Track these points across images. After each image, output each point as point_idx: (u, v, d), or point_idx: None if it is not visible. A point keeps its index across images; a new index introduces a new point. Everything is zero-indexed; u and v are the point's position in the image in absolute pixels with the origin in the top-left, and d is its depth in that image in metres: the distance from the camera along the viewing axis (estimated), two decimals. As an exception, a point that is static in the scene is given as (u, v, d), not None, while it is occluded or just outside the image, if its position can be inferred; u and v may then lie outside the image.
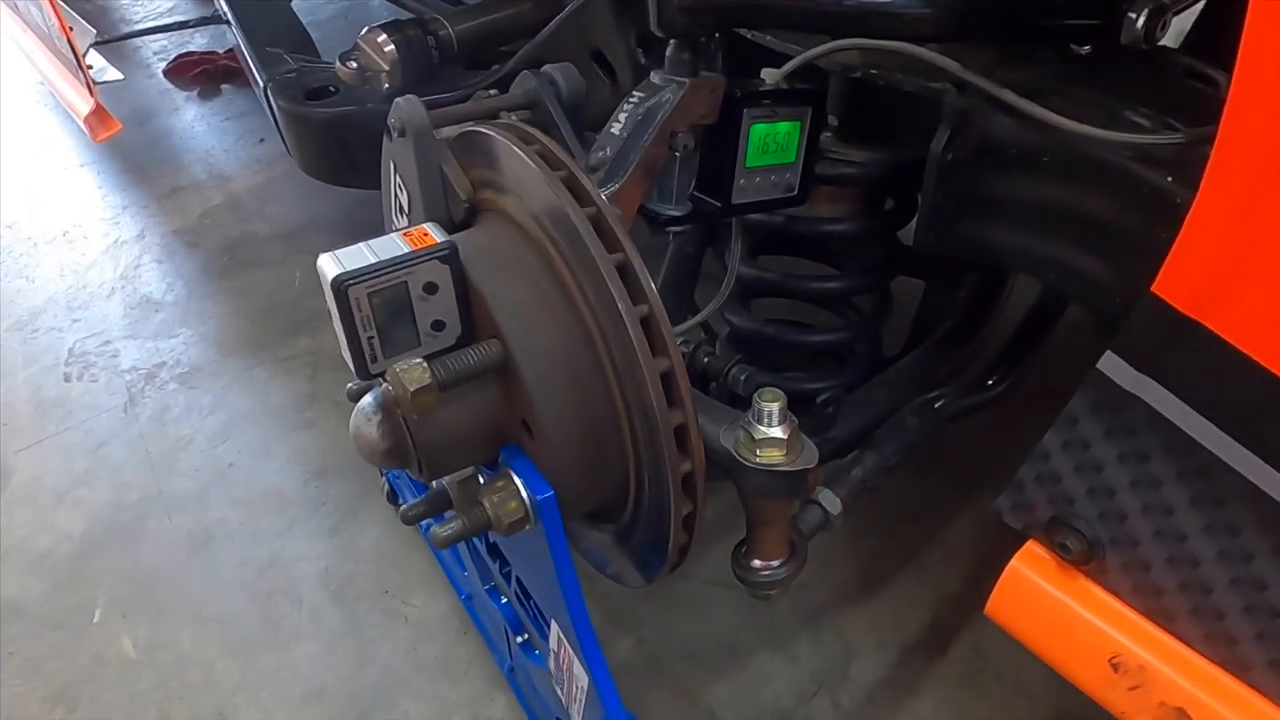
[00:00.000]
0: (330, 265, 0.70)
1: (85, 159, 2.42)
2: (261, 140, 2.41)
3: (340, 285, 0.69)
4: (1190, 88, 0.85)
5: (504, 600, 1.08)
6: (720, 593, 1.29)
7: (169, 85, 2.68)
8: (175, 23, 2.54)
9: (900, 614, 1.27)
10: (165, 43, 2.87)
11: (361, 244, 0.72)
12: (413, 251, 0.71)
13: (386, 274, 0.70)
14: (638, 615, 1.27)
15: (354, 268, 0.70)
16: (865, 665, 1.22)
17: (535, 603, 0.93)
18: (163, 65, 2.73)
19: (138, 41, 2.86)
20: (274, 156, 2.34)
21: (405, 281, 0.71)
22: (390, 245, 0.72)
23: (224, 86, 2.67)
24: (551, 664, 0.92)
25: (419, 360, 0.69)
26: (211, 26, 2.79)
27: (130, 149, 2.40)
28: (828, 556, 1.32)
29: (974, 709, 1.17)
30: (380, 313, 0.72)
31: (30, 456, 1.59)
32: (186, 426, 1.62)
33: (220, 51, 2.73)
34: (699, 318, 1.00)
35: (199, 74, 2.67)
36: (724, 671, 1.21)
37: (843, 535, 1.34)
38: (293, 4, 2.03)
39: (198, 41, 2.86)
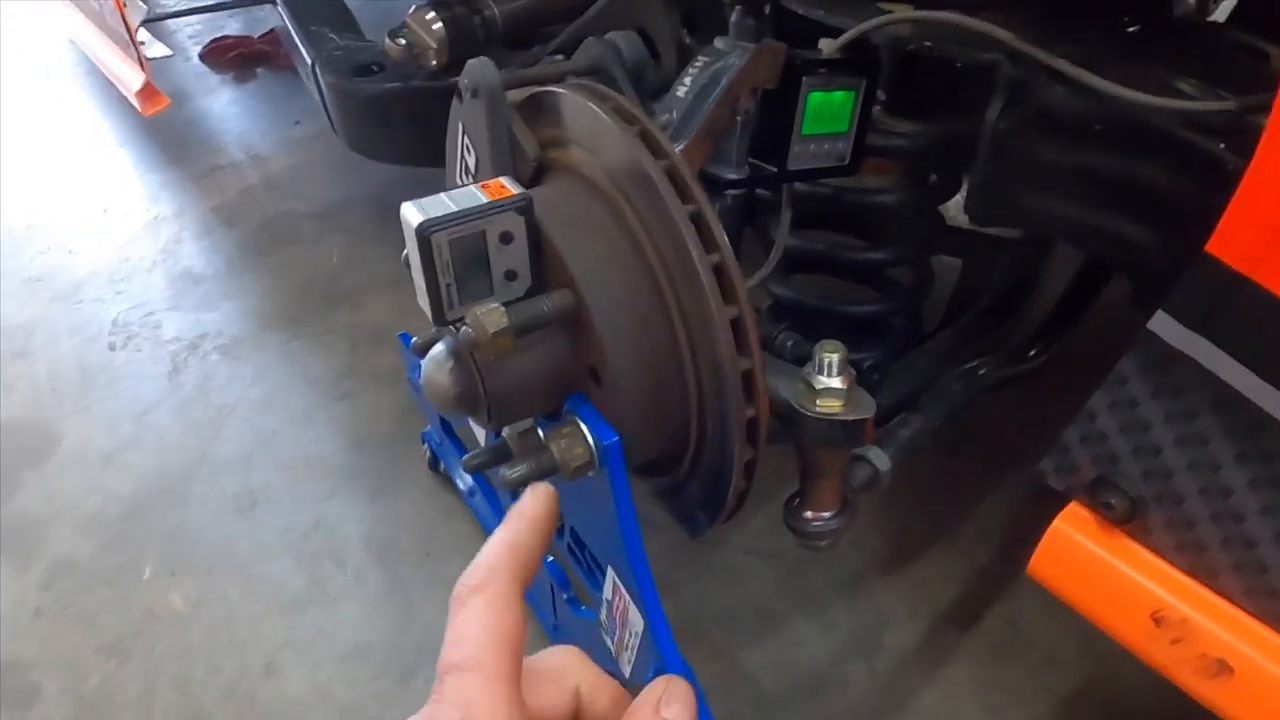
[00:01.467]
0: (414, 213, 0.73)
1: (122, 139, 2.46)
2: (297, 123, 2.45)
3: (425, 231, 0.71)
4: (1239, 60, 0.87)
5: (550, 559, 1.10)
6: (756, 561, 1.32)
7: (204, 68, 2.73)
8: (218, 2, 2.58)
9: (933, 585, 1.30)
10: (199, 26, 2.92)
11: (442, 194, 0.75)
12: (491, 202, 0.74)
13: (467, 222, 0.73)
14: (675, 579, 1.29)
15: (436, 215, 0.72)
16: (899, 634, 1.25)
17: (589, 554, 0.95)
18: (198, 49, 2.77)
19: (173, 25, 2.90)
20: (310, 138, 2.38)
21: (484, 230, 0.74)
22: (470, 196, 0.75)
23: (259, 70, 2.71)
24: (603, 613, 0.95)
25: (497, 305, 0.72)
26: (246, 10, 2.84)
27: (167, 130, 2.44)
28: (863, 528, 1.35)
29: (1006, 677, 1.19)
30: (459, 261, 0.74)
31: (77, 421, 1.62)
32: (229, 395, 1.66)
33: (255, 36, 2.77)
34: (750, 283, 1.03)
35: (234, 57, 2.71)
36: (760, 636, 1.24)
37: (877, 509, 1.37)
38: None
39: (232, 26, 2.90)
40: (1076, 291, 1.16)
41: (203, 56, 2.74)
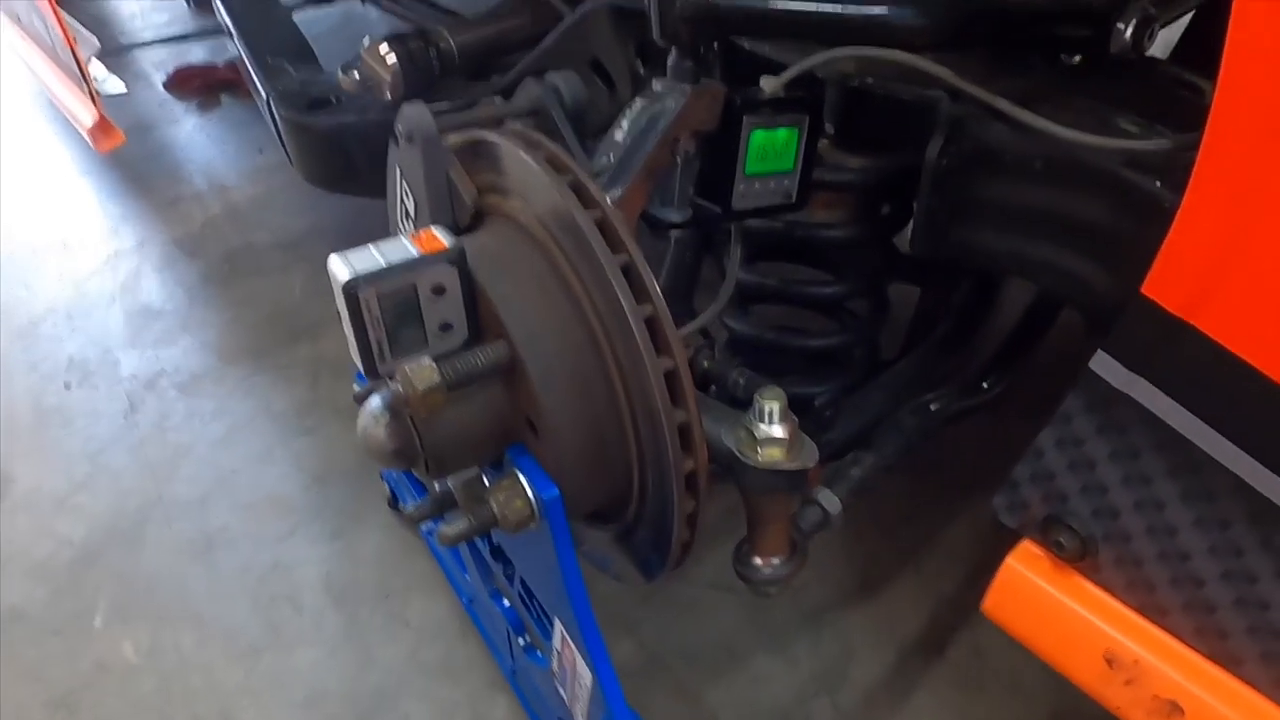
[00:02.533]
0: (340, 267, 0.72)
1: (85, 169, 2.43)
2: (261, 150, 2.43)
3: (350, 288, 0.70)
4: (1177, 96, 0.87)
5: (506, 603, 1.08)
6: (719, 595, 1.31)
7: (168, 97, 2.70)
8: (176, 35, 2.56)
9: (898, 615, 1.29)
10: (164, 55, 2.89)
11: (370, 245, 0.74)
12: (421, 254, 0.73)
13: (395, 276, 0.72)
14: (637, 617, 1.28)
15: (364, 270, 0.71)
16: (864, 666, 1.23)
17: (538, 602, 0.94)
18: (162, 77, 2.74)
19: (138, 54, 2.88)
20: (273, 166, 2.36)
21: (414, 284, 0.73)
22: (399, 248, 0.73)
23: (223, 98, 2.69)
24: (554, 663, 0.93)
25: (428, 360, 0.70)
26: (210, 38, 2.82)
27: (130, 159, 2.41)
28: (826, 558, 1.34)
29: (971, 709, 1.18)
30: (389, 314, 0.73)
31: (30, 463, 1.59)
32: (187, 433, 1.63)
33: (220, 63, 2.75)
34: (699, 321, 1.02)
35: (198, 86, 2.69)
36: (724, 673, 1.22)
37: (841, 537, 1.36)
38: (294, 16, 2.06)
39: (196, 53, 2.88)
40: (1029, 323, 1.15)
41: (166, 85, 2.72)
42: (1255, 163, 0.61)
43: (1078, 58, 0.92)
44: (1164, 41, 0.95)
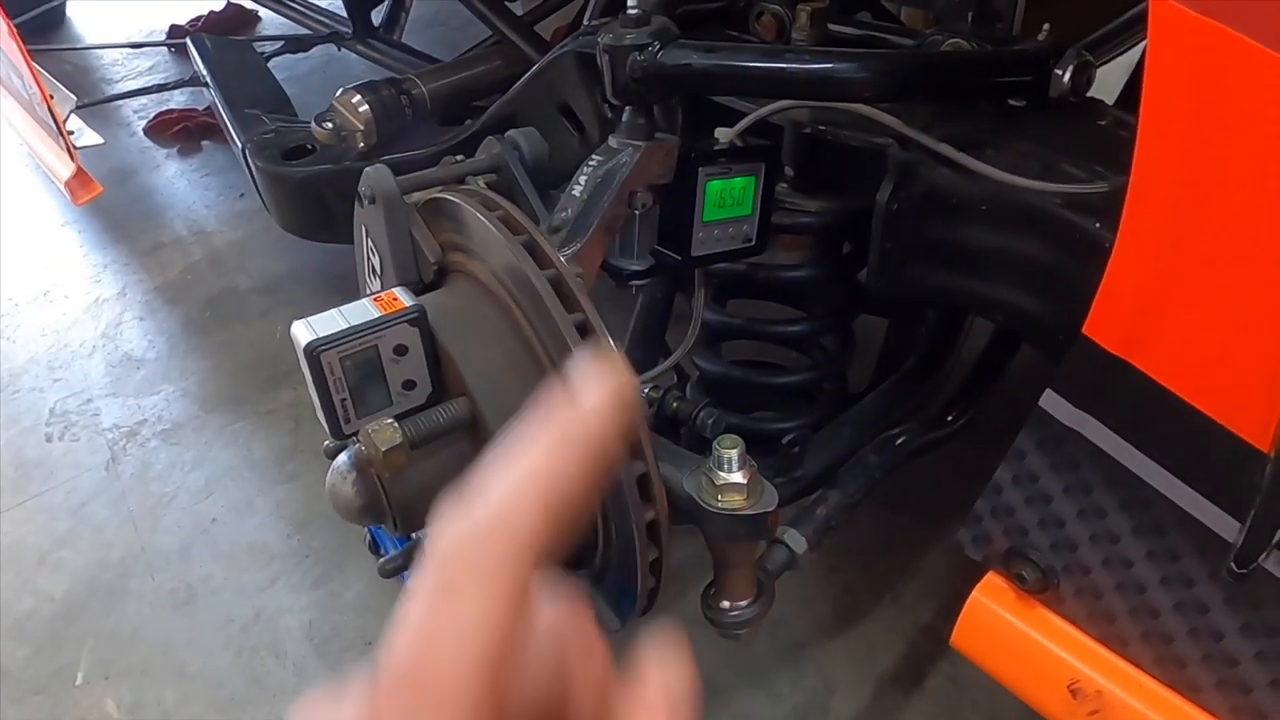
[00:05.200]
0: (303, 332, 0.73)
1: (66, 218, 2.45)
2: (241, 195, 2.45)
3: (313, 351, 0.72)
4: (1119, 137, 0.90)
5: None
6: (700, 632, 1.30)
7: (149, 143, 2.72)
8: (155, 85, 2.59)
9: (878, 646, 1.29)
10: (145, 101, 2.92)
11: (334, 310, 0.76)
12: (382, 316, 0.75)
13: (357, 338, 0.74)
14: (617, 657, 1.28)
15: (326, 334, 0.73)
16: (845, 700, 1.24)
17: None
18: (143, 123, 2.77)
19: (119, 100, 2.91)
20: (253, 211, 2.37)
21: (376, 345, 0.74)
22: (361, 310, 0.75)
23: (204, 142, 2.71)
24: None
25: (390, 420, 0.72)
26: (192, 86, 2.85)
27: (111, 207, 2.42)
28: (804, 591, 1.34)
29: (952, 739, 1.19)
30: (352, 375, 0.75)
31: (12, 519, 1.59)
32: (169, 483, 1.63)
33: (200, 109, 2.77)
34: (666, 364, 1.04)
35: (179, 131, 2.71)
36: (707, 710, 1.23)
37: (818, 569, 1.37)
38: (270, 64, 2.09)
39: (177, 99, 2.90)
40: (991, 355, 1.17)
41: (147, 130, 2.74)
42: (1176, 204, 0.64)
43: (1022, 102, 0.95)
44: (1109, 85, 0.98)
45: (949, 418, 1.11)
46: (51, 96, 1.63)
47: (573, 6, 2.02)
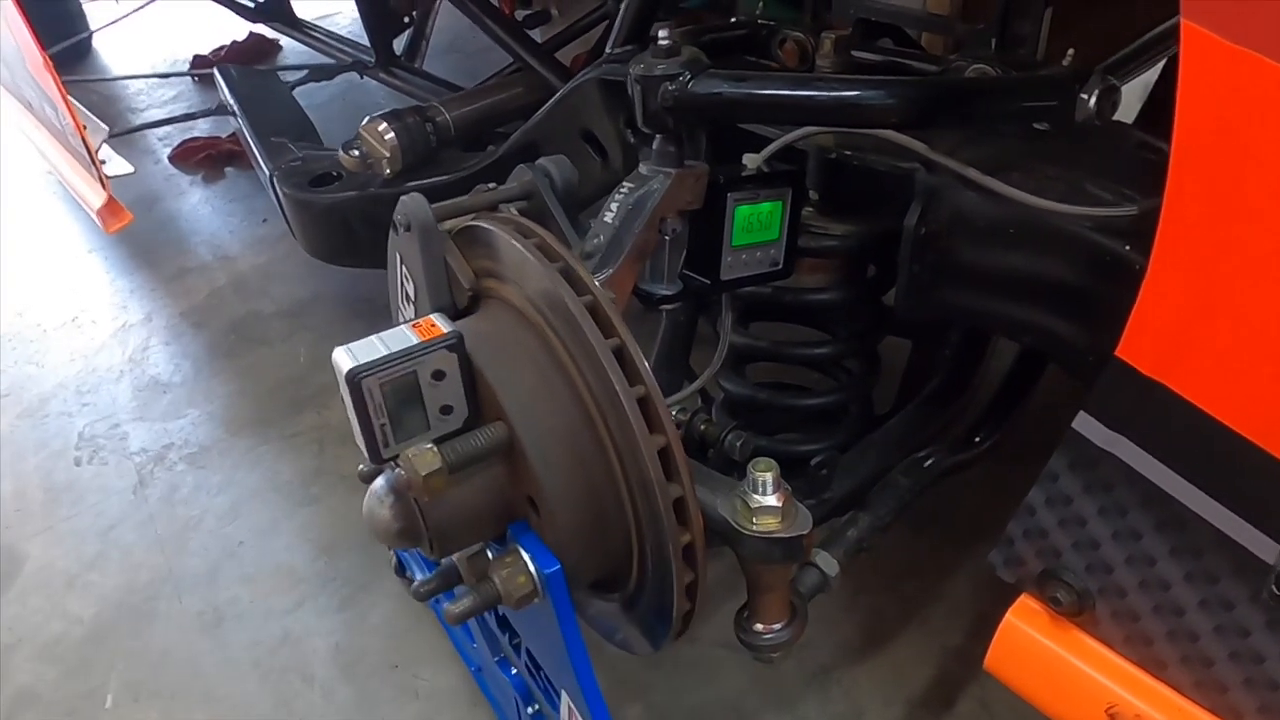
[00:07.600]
0: (344, 359, 0.74)
1: (93, 245, 2.49)
2: (265, 220, 2.48)
3: (354, 378, 0.73)
4: (1144, 160, 0.91)
5: (514, 671, 1.09)
6: (727, 655, 1.31)
7: (174, 170, 2.77)
8: (182, 114, 2.64)
9: (906, 670, 1.29)
10: (170, 129, 2.97)
11: (373, 336, 0.77)
12: (421, 342, 0.76)
13: (397, 365, 0.75)
14: (646, 680, 1.28)
15: (366, 360, 0.74)
16: (873, 724, 1.23)
17: (545, 674, 0.95)
18: (168, 151, 2.82)
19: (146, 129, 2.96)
20: (276, 236, 2.41)
21: (415, 370, 0.76)
22: (400, 337, 0.76)
23: (228, 169, 2.76)
24: (563, 735, 0.93)
25: (429, 445, 0.73)
26: (216, 114, 2.90)
27: (137, 233, 2.46)
28: (831, 615, 1.34)
29: (983, 764, 1.18)
30: (391, 401, 0.76)
31: (42, 542, 1.61)
32: (195, 506, 1.64)
33: (223, 136, 2.82)
34: (693, 387, 1.04)
35: (203, 158, 2.76)
36: (734, 735, 1.22)
37: (845, 593, 1.36)
38: (295, 93, 2.13)
39: (201, 127, 2.95)
40: (1017, 375, 1.18)
41: (172, 158, 2.79)
42: (1211, 228, 0.64)
43: (1046, 125, 0.96)
44: (1127, 105, 0.99)
45: (976, 439, 1.11)
46: (84, 126, 1.67)
47: (593, 34, 2.06)
